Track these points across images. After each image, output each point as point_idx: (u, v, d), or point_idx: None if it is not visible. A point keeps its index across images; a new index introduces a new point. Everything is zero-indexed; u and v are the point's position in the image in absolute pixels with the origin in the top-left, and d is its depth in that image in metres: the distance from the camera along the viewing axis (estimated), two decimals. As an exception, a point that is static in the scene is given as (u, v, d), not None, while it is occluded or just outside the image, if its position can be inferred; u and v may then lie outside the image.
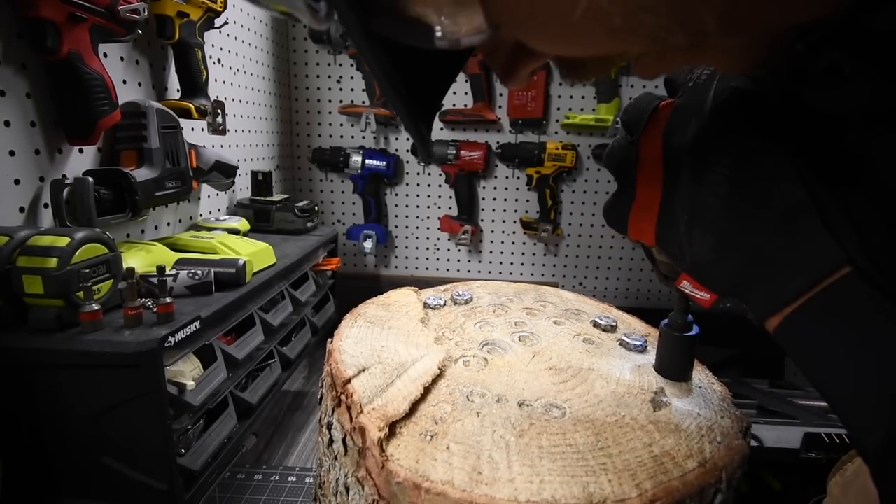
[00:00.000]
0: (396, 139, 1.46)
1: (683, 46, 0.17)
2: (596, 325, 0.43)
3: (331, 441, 0.32)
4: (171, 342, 0.53)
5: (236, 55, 1.10)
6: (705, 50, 0.18)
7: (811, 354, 0.21)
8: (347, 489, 0.29)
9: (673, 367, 0.35)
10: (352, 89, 1.42)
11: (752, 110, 0.23)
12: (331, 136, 1.46)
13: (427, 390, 0.31)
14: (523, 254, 1.53)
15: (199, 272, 0.65)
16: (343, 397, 0.31)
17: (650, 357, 0.38)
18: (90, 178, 0.60)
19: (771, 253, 0.22)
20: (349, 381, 0.32)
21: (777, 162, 0.22)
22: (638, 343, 0.39)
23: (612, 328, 0.43)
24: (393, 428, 0.27)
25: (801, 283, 0.21)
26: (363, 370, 0.33)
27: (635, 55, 0.20)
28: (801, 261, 0.21)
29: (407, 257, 1.54)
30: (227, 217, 0.98)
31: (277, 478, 0.85)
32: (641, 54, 0.20)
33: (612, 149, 0.30)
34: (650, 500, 0.23)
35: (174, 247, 0.75)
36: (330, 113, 1.45)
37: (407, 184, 1.49)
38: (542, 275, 1.53)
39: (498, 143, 1.42)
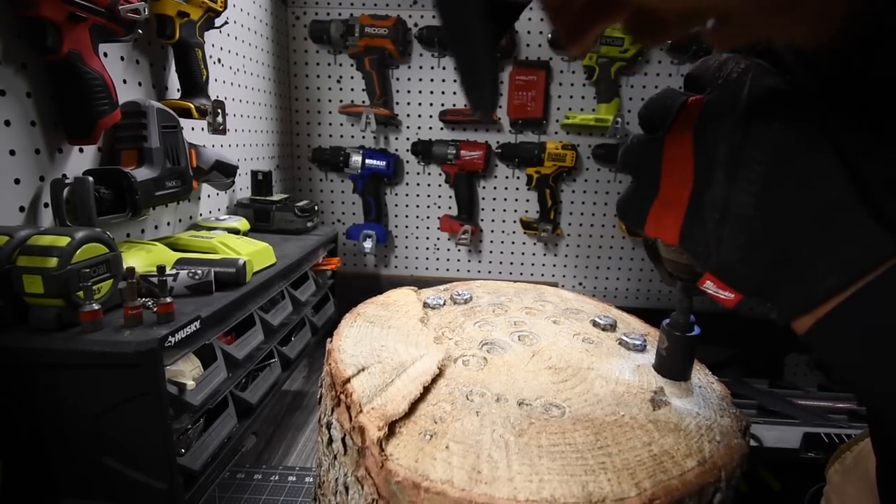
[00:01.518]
0: (396, 139, 1.46)
1: (784, 5, 0.17)
2: (595, 324, 0.43)
3: (330, 440, 0.32)
4: (171, 342, 0.53)
5: (236, 55, 1.10)
6: (797, 11, 0.17)
7: (851, 354, 0.21)
8: (347, 488, 0.29)
9: (674, 366, 0.35)
10: (352, 89, 1.42)
11: (790, 108, 0.22)
12: (331, 135, 1.46)
13: (426, 390, 0.31)
14: (523, 254, 1.53)
15: (199, 272, 0.65)
16: (342, 397, 0.31)
17: (650, 356, 0.38)
18: (90, 178, 0.60)
19: (803, 252, 0.21)
20: (348, 380, 0.32)
21: (813, 160, 0.21)
22: (637, 342, 0.39)
23: (611, 327, 0.43)
24: (392, 427, 0.27)
25: (835, 282, 0.20)
26: (363, 370, 0.33)
27: (721, 15, 0.19)
28: (836, 260, 0.21)
29: (407, 257, 1.54)
30: (227, 217, 0.98)
31: (277, 477, 0.85)
32: (728, 15, 0.19)
33: (630, 145, 0.29)
34: (649, 499, 0.23)
35: (174, 246, 0.75)
36: (330, 113, 1.45)
37: (407, 183, 1.49)
38: (542, 275, 1.54)
39: (498, 142, 1.42)
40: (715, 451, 0.27)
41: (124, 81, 0.74)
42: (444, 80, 1.40)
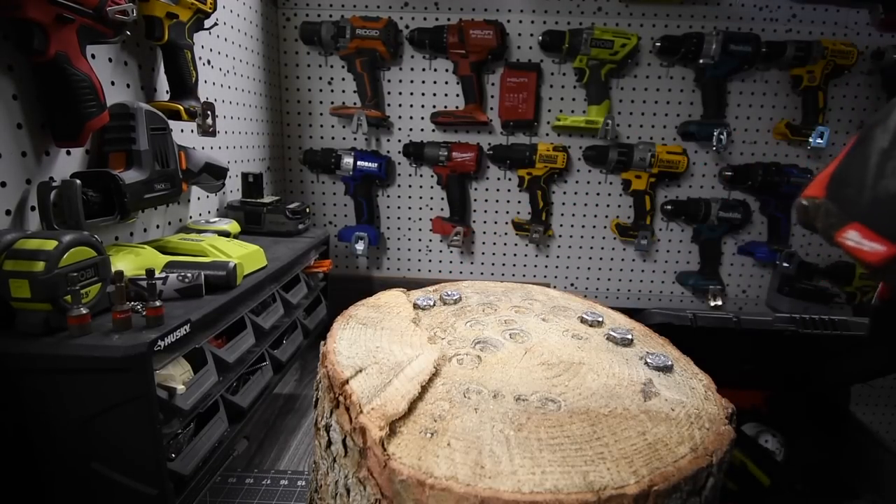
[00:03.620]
0: (388, 141, 1.46)
1: None
2: (583, 320, 0.44)
3: (329, 443, 0.32)
4: (160, 346, 0.52)
5: (226, 56, 1.09)
6: None
7: None
8: (348, 490, 0.29)
9: None
10: (343, 91, 1.42)
11: None
12: (322, 137, 1.46)
13: (424, 389, 0.31)
14: (515, 255, 1.53)
15: (188, 275, 0.64)
16: (342, 398, 0.31)
17: (637, 350, 0.39)
18: (78, 181, 0.60)
19: None
20: (347, 381, 0.32)
21: None
22: (624, 337, 0.40)
23: (598, 323, 0.43)
24: (393, 427, 0.27)
25: None
26: (360, 371, 0.33)
27: None
28: None
29: (399, 259, 1.54)
30: (217, 219, 0.97)
31: (269, 481, 0.84)
32: None
33: None
34: (648, 485, 0.23)
35: (163, 249, 0.74)
36: (321, 114, 1.44)
37: (399, 185, 1.49)
38: (535, 276, 1.55)
39: (489, 144, 1.43)
40: (705, 438, 0.28)
41: (112, 83, 0.74)
42: (435, 82, 1.41)
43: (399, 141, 1.45)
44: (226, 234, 0.91)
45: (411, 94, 1.42)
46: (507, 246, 1.53)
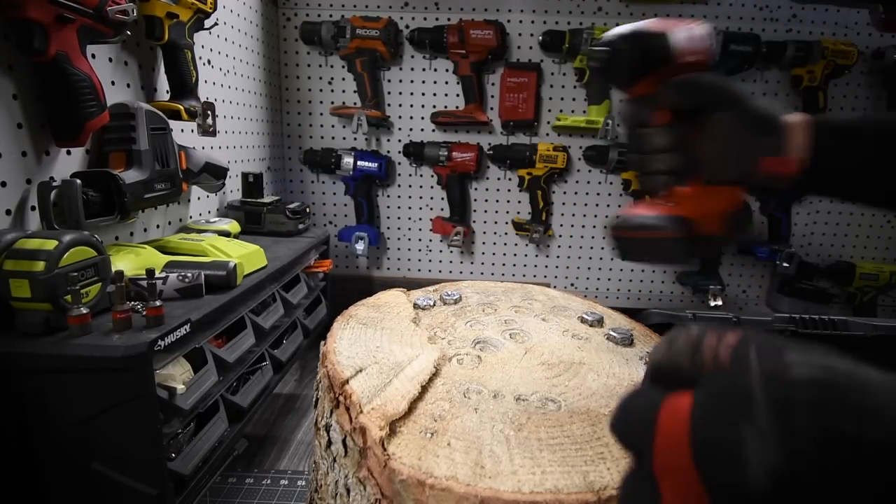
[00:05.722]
0: (388, 140, 1.46)
1: None
2: (583, 320, 0.44)
3: (329, 443, 0.32)
4: (160, 346, 0.52)
5: (226, 56, 1.09)
6: None
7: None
8: (348, 490, 0.29)
9: None
10: (343, 91, 1.42)
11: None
12: (322, 137, 1.46)
13: (424, 389, 0.31)
14: (515, 255, 1.53)
15: (189, 275, 0.65)
16: (342, 398, 0.31)
17: (637, 350, 0.39)
18: (78, 181, 0.60)
19: None
20: (347, 381, 0.32)
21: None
22: (625, 337, 0.40)
23: (598, 323, 0.43)
24: (393, 427, 0.27)
25: None
26: (360, 371, 0.33)
27: None
28: None
29: (399, 259, 1.54)
30: (217, 219, 0.97)
31: (269, 481, 0.84)
32: None
33: (625, 489, 0.20)
34: (649, 486, 0.23)
35: (164, 249, 0.74)
36: (321, 114, 1.44)
37: (399, 185, 1.49)
38: (535, 276, 1.54)
39: (490, 144, 1.43)
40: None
41: (112, 83, 0.74)
42: (435, 82, 1.41)
43: (399, 141, 1.45)
44: (226, 233, 0.91)
45: (411, 94, 1.42)
46: (507, 246, 1.53)
